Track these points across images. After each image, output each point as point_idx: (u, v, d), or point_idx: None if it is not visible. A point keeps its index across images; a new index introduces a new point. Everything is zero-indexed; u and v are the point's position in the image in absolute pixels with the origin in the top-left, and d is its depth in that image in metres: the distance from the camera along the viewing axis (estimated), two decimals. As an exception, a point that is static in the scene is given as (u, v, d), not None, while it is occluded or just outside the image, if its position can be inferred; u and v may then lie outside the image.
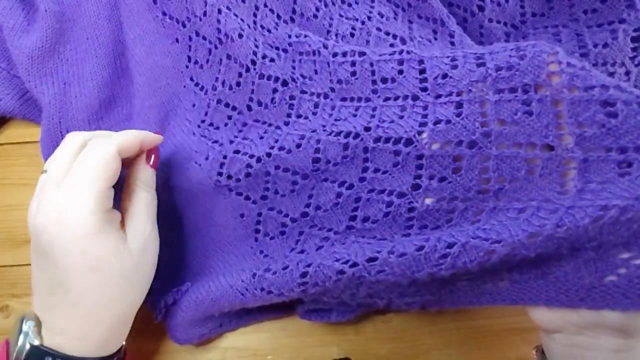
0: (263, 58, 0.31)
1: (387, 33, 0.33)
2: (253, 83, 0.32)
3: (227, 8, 0.32)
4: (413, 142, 0.26)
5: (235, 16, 0.32)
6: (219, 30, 0.32)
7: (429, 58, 0.27)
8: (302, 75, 0.31)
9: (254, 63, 0.31)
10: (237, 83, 0.32)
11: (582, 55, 0.33)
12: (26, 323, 0.27)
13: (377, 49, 0.29)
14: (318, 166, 0.29)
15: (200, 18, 0.33)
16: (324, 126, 0.29)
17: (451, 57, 0.26)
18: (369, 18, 0.33)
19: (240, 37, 0.31)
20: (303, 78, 0.31)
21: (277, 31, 0.33)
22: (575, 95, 0.23)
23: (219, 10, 0.32)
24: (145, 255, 0.29)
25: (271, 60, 0.32)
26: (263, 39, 0.32)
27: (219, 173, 0.32)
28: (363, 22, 0.33)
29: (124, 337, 0.31)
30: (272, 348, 0.36)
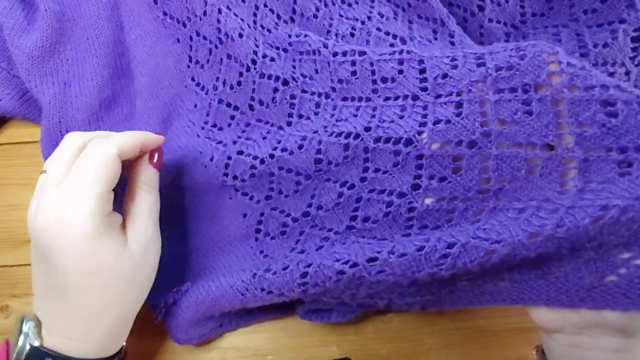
0: (263, 57, 0.32)
1: (387, 33, 0.33)
2: (254, 82, 0.32)
3: (227, 8, 0.32)
4: (413, 142, 0.26)
5: (235, 16, 0.32)
6: (219, 30, 0.32)
7: (429, 58, 0.27)
8: (303, 74, 0.31)
9: (255, 62, 0.31)
10: (238, 82, 0.32)
11: (582, 55, 0.33)
12: (26, 323, 0.27)
13: (377, 49, 0.29)
14: (320, 167, 0.29)
15: (200, 18, 0.33)
16: (325, 127, 0.29)
17: (451, 57, 0.26)
18: (369, 18, 0.33)
19: (240, 37, 0.31)
20: (303, 77, 0.31)
21: (277, 31, 0.33)
22: (575, 95, 0.23)
23: (219, 10, 0.32)
24: (146, 257, 0.29)
25: (271, 59, 0.32)
26: (263, 39, 0.32)
27: (225, 174, 0.32)
28: (363, 22, 0.33)
29: (125, 338, 0.31)
30: (273, 348, 0.36)
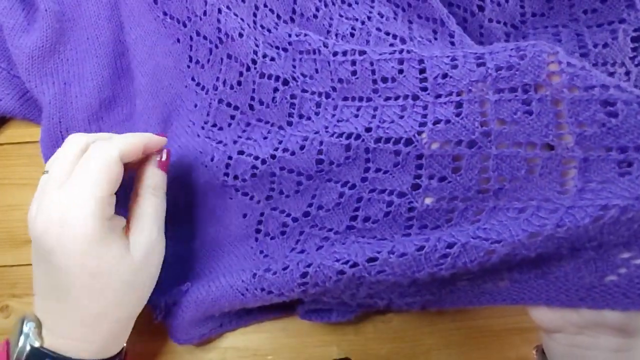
0: (263, 57, 0.31)
1: (387, 33, 0.33)
2: (254, 82, 0.32)
3: (227, 8, 0.32)
4: (413, 142, 0.26)
5: (235, 16, 0.32)
6: (220, 29, 0.32)
7: (429, 58, 0.27)
8: (303, 74, 0.31)
9: (255, 62, 0.31)
10: (238, 82, 0.32)
11: (582, 55, 0.33)
12: (27, 324, 0.27)
13: (378, 49, 0.29)
14: (322, 167, 0.29)
15: (200, 18, 0.33)
16: (327, 127, 0.29)
17: (451, 57, 0.26)
18: (369, 18, 0.33)
19: (240, 37, 0.31)
20: (304, 77, 0.31)
21: (277, 31, 0.33)
22: (575, 94, 0.23)
23: (219, 9, 0.32)
24: (148, 260, 0.28)
25: (272, 59, 0.32)
26: (263, 39, 0.32)
27: (225, 174, 0.32)
28: (363, 22, 0.33)
29: (125, 339, 0.30)
30: (273, 348, 0.36)
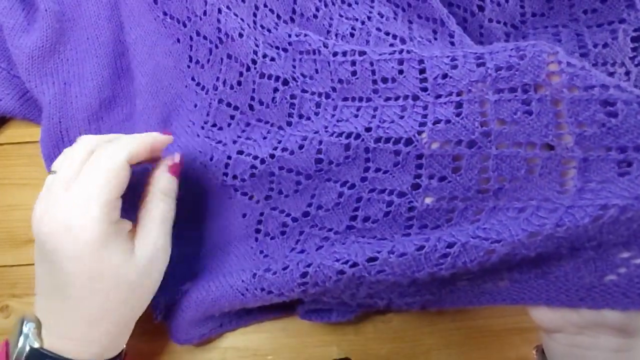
0: (263, 57, 0.32)
1: (387, 33, 0.33)
2: (254, 82, 0.32)
3: (227, 7, 0.32)
4: (413, 142, 0.26)
5: (235, 16, 0.32)
6: (220, 29, 0.32)
7: (429, 58, 0.27)
8: (303, 74, 0.31)
9: (255, 62, 0.31)
10: (238, 82, 0.32)
11: (582, 55, 0.33)
12: (26, 325, 0.27)
13: (377, 49, 0.29)
14: (321, 167, 0.29)
15: (200, 17, 0.33)
16: (326, 127, 0.29)
17: (451, 57, 0.26)
18: (369, 18, 0.33)
19: (240, 37, 0.31)
20: (304, 77, 0.31)
21: (277, 31, 0.33)
22: (575, 94, 0.23)
23: (219, 9, 0.32)
24: (152, 265, 0.28)
25: (271, 59, 0.32)
26: (263, 39, 0.32)
27: (225, 174, 0.32)
28: (363, 22, 0.33)
29: (125, 342, 0.30)
30: (273, 348, 0.36)
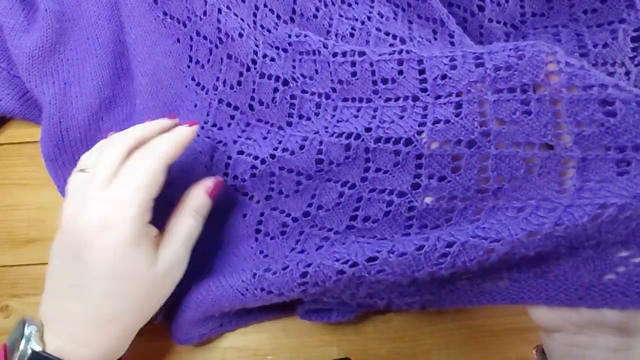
0: (263, 57, 0.32)
1: (387, 33, 0.33)
2: (254, 82, 0.32)
3: (227, 8, 0.32)
4: (413, 142, 0.26)
5: (235, 16, 0.32)
6: (220, 29, 0.32)
7: (429, 58, 0.27)
8: (303, 74, 0.32)
9: (255, 62, 0.31)
10: (238, 82, 0.32)
11: (582, 55, 0.33)
12: (28, 327, 0.27)
13: (377, 49, 0.29)
14: (321, 167, 0.29)
15: (200, 18, 0.33)
16: (326, 127, 0.29)
17: (450, 57, 0.26)
18: (369, 18, 0.33)
19: (240, 37, 0.31)
20: (303, 77, 0.31)
21: (277, 31, 0.33)
22: (574, 94, 0.23)
23: (219, 9, 0.32)
24: (169, 277, 0.29)
25: (271, 59, 0.32)
26: (263, 39, 0.32)
27: (225, 174, 0.32)
28: (363, 22, 0.33)
29: (125, 349, 0.30)
30: (273, 348, 0.36)
